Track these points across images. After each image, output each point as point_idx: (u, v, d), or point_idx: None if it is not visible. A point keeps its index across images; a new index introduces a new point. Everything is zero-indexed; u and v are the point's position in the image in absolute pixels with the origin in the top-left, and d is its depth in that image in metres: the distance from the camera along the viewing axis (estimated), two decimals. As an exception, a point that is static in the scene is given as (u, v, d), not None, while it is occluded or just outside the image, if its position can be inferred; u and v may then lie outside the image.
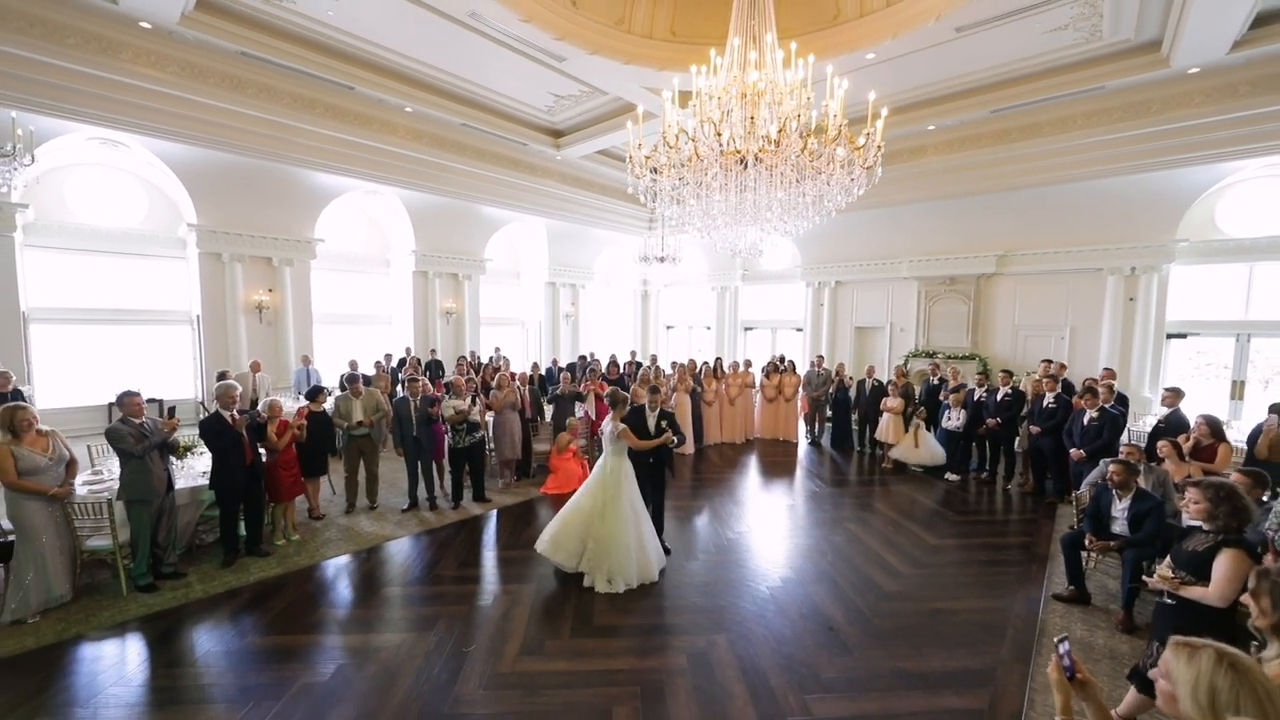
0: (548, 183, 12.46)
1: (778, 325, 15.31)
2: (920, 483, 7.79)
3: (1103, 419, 5.78)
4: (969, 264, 11.97)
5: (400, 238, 12.37)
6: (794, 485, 7.84)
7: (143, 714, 3.21)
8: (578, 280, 15.54)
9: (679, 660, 3.72)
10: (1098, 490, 4.60)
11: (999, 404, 7.48)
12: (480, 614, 4.30)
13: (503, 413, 7.20)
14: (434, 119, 10.14)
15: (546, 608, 4.40)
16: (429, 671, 3.58)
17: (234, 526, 5.03)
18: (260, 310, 10.33)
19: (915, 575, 4.98)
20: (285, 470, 5.38)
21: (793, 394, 10.29)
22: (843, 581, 4.85)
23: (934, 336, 12.57)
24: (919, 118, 10.03)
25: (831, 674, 3.59)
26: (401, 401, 6.31)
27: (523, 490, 7.27)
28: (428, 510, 6.44)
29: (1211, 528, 2.62)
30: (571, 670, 3.62)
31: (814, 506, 6.93)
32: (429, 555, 5.37)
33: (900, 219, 12.41)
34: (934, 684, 3.49)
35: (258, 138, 8.76)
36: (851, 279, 13.73)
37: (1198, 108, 8.42)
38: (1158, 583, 2.70)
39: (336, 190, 10.68)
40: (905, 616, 4.29)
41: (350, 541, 5.61)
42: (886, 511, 6.66)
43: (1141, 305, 10.44)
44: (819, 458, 9.35)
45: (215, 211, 9.58)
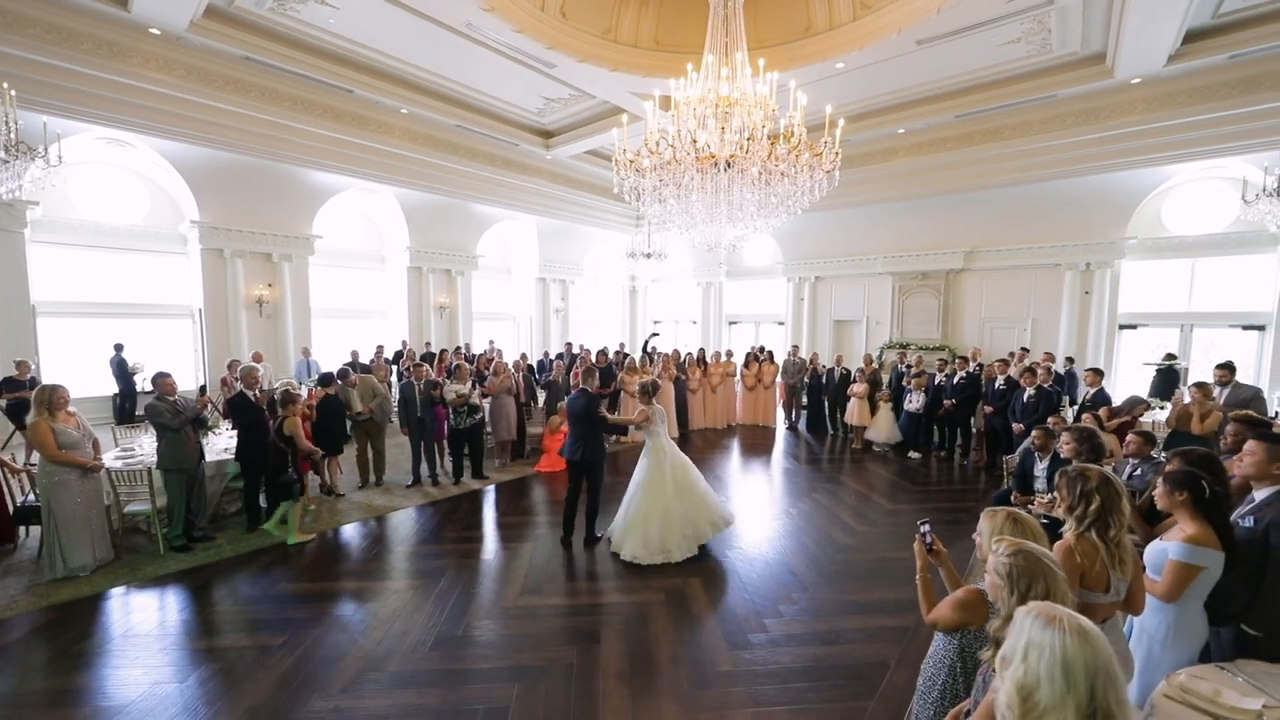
0: (538, 181, 13.05)
1: (760, 319, 16.03)
2: (886, 461, 8.53)
3: (1039, 396, 6.55)
4: (939, 260, 12.77)
5: (395, 235, 12.89)
6: (771, 464, 8.54)
7: (199, 641, 3.79)
8: (567, 276, 16.14)
9: (658, 596, 4.38)
10: (1023, 454, 5.32)
11: (955, 387, 8.24)
12: (484, 566, 4.92)
13: (499, 397, 7.80)
14: (429, 120, 10.69)
15: (545, 561, 5.03)
16: (443, 606, 4.21)
17: (257, 496, 5.59)
18: (260, 304, 10.82)
19: (869, 533, 5.69)
20: (300, 447, 5.95)
21: (771, 382, 11.01)
22: (805, 538, 5.55)
23: (907, 329, 13.36)
24: (889, 121, 10.77)
25: (787, 605, 4.27)
26: (407, 385, 6.90)
27: (518, 469, 7.90)
28: (431, 486, 7.04)
29: (1079, 462, 3.32)
30: (566, 604, 4.27)
31: (787, 481, 7.63)
32: (435, 522, 5.98)
33: (875, 217, 13.17)
34: (872, 610, 4.19)
35: (259, 138, 9.26)
36: (830, 274, 14.48)
37: (1141, 114, 9.24)
38: (1036, 508, 3.40)
39: (334, 189, 11.19)
40: (856, 564, 4.99)
41: (362, 511, 6.19)
42: (853, 484, 7.37)
43: (1096, 298, 11.29)
44: (795, 440, 10.08)
45: (217, 209, 10.06)
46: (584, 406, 5.30)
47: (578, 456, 5.32)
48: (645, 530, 5.00)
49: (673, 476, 5.20)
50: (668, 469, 5.21)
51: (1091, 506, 2.16)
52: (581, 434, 5.32)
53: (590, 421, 5.29)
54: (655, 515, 5.04)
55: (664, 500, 5.08)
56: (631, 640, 3.79)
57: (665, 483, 5.15)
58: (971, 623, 2.06)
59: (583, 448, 5.29)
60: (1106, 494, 2.14)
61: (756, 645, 3.75)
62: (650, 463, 5.25)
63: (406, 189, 11.61)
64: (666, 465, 5.21)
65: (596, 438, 5.38)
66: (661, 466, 5.20)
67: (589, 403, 5.33)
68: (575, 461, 5.36)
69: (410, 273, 12.96)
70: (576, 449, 5.33)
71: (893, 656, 3.62)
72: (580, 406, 5.32)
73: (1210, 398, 5.51)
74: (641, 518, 5.05)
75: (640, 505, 5.10)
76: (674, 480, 5.19)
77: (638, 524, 5.04)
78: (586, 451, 5.29)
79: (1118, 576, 2.13)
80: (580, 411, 5.32)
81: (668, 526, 5.00)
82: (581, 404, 5.33)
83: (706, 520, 5.21)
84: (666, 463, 5.22)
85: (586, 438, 5.30)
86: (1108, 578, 2.12)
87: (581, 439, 5.31)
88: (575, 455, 5.33)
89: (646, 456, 5.30)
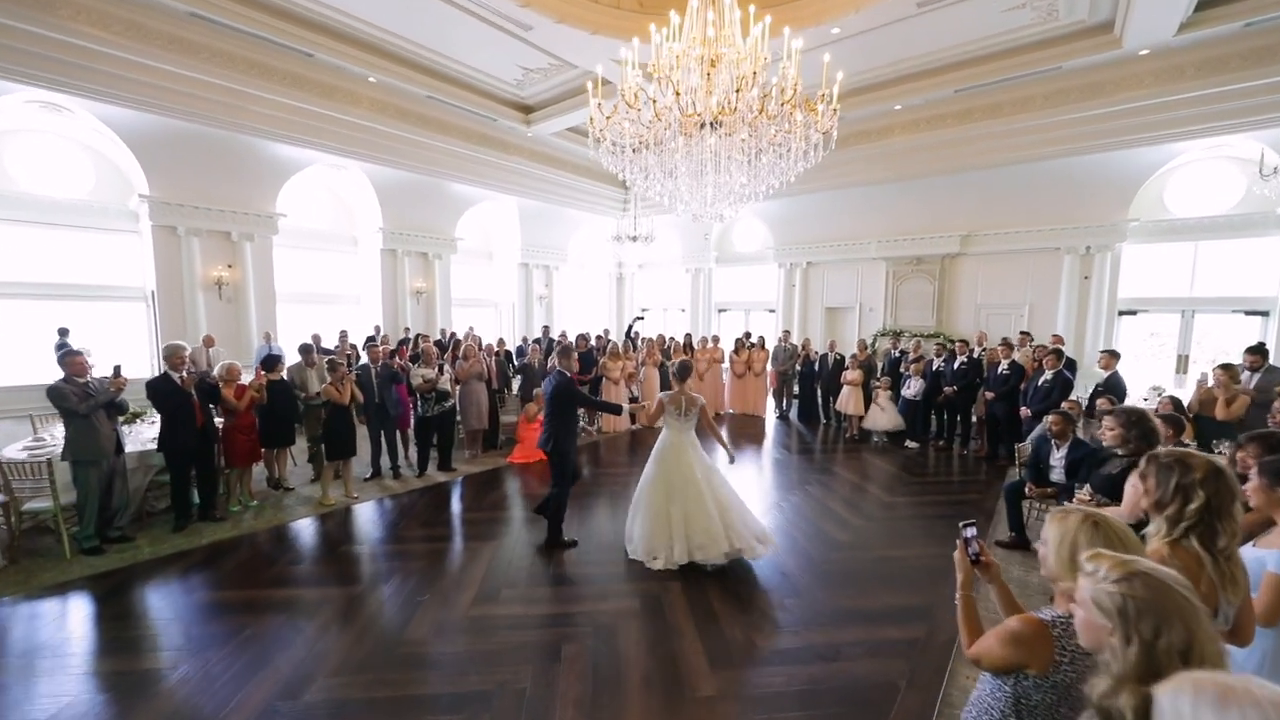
0: (518, 160, 12.35)
1: (751, 306, 15.47)
2: (882, 451, 8.01)
3: (1055, 380, 6.02)
4: (934, 244, 12.24)
5: (367, 215, 12.13)
6: (761, 454, 7.99)
7: (85, 663, 3.16)
8: (551, 262, 15.46)
9: (631, 604, 3.80)
10: (1037, 441, 4.80)
11: (955, 372, 7.72)
12: (439, 568, 4.31)
13: (469, 383, 7.17)
14: (399, 90, 9.96)
15: (507, 561, 4.43)
16: (382, 619, 3.60)
17: (186, 491, 4.95)
18: (220, 286, 10.06)
19: (866, 527, 5.15)
20: (243, 435, 5.30)
21: (761, 369, 10.45)
22: (797, 534, 4.99)
23: (901, 315, 12.84)
24: (886, 97, 10.19)
25: (780, 613, 3.71)
26: (362, 369, 6.24)
27: (490, 460, 7.28)
28: (392, 479, 6.41)
29: (1125, 451, 2.77)
30: (525, 614, 3.67)
31: (778, 472, 7.08)
32: (391, 518, 5.36)
33: (869, 200, 12.62)
34: (875, 619, 3.63)
35: (211, 105, 8.49)
36: (822, 260, 13.93)
37: (1148, 89, 8.72)
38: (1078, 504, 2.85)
39: (299, 164, 10.43)
40: (854, 562, 4.44)
41: (310, 507, 5.55)
42: (847, 475, 6.84)
43: (1096, 283, 10.82)
44: (786, 430, 9.54)
45: (169, 183, 9.27)
46: (555, 389, 4.69)
47: (549, 446, 4.71)
48: (636, 526, 4.52)
49: (677, 475, 4.54)
50: (670, 466, 4.58)
51: (1192, 505, 1.59)
52: (551, 419, 4.71)
53: (561, 406, 4.68)
54: (648, 513, 4.49)
55: (657, 499, 4.50)
56: (597, 659, 3.20)
57: (662, 480, 4.54)
58: (1030, 665, 1.49)
59: (553, 436, 4.69)
60: (1215, 490, 1.57)
61: (743, 664, 3.18)
62: (654, 456, 4.67)
63: (377, 165, 10.87)
64: (670, 463, 4.58)
65: (568, 425, 4.77)
66: (663, 461, 4.59)
67: (561, 385, 4.71)
68: (545, 451, 4.76)
69: (384, 255, 12.22)
70: (548, 438, 4.73)
71: (902, 676, 3.06)
72: (552, 389, 4.71)
73: (1236, 381, 5.01)
74: (635, 511, 4.59)
75: (638, 499, 4.60)
76: (676, 479, 4.53)
77: (635, 518, 4.58)
78: (557, 440, 4.69)
79: (1227, 599, 1.58)
80: (551, 394, 4.71)
81: (657, 530, 4.42)
82: (552, 386, 4.72)
83: (720, 535, 4.38)
84: (672, 460, 4.58)
85: (556, 424, 4.69)
86: (1216, 600, 1.56)
87: (551, 426, 4.71)
88: (546, 444, 4.73)
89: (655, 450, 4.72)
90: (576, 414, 4.85)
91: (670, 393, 4.68)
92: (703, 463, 4.62)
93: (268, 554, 4.56)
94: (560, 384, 4.68)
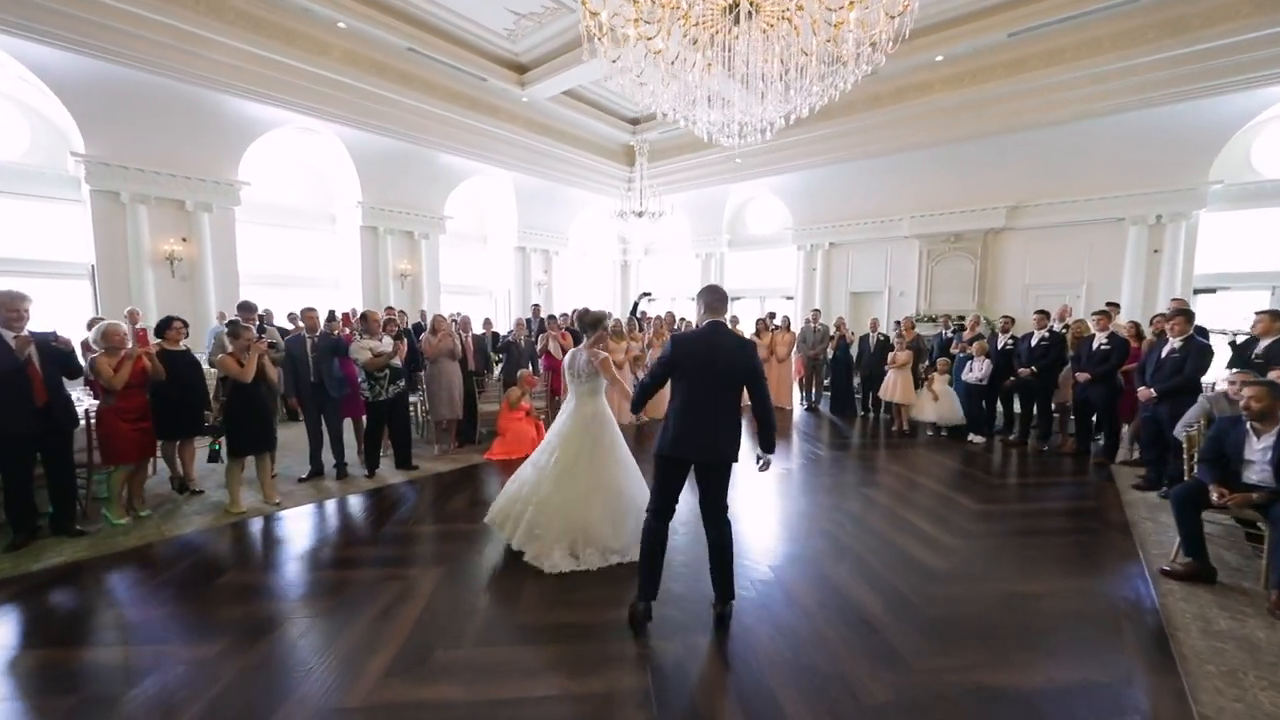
0: (513, 129, 10.97)
1: (767, 293, 13.98)
2: (939, 446, 6.48)
3: (1186, 349, 4.49)
4: (976, 218, 10.72)
5: (345, 188, 10.77)
6: (791, 450, 6.47)
7: None
8: (550, 246, 14.04)
9: (638, 680, 2.32)
10: (1219, 428, 3.28)
11: (1032, 350, 6.18)
12: (353, 611, 2.85)
13: (439, 363, 5.74)
14: (374, 41, 8.61)
15: (452, 599, 2.96)
16: (231, 705, 2.15)
17: (25, 496, 3.52)
18: (172, 262, 8.70)
19: (966, 548, 3.63)
20: (127, 422, 3.87)
21: (786, 354, 8.93)
22: (871, 557, 3.48)
23: (937, 299, 11.31)
24: (928, 45, 8.71)
25: (881, 694, 2.22)
26: (295, 340, 4.81)
27: (464, 456, 5.81)
28: (334, 479, 4.96)
29: None
30: (462, 702, 2.20)
31: (818, 472, 5.57)
32: (312, 533, 3.91)
33: (900, 171, 11.12)
34: (1044, 710, 2.14)
35: (151, 46, 7.14)
36: (846, 240, 12.43)
37: (1245, 20, 7.19)
38: None
39: (264, 124, 9.06)
40: (968, 603, 2.94)
41: (212, 515, 4.12)
42: (911, 477, 5.31)
43: (1168, 257, 9.25)
44: (817, 423, 8.00)
45: (108, 140, 7.91)
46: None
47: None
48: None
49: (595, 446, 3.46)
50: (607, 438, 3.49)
51: None
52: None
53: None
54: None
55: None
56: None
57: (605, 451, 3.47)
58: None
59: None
60: None
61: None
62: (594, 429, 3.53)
63: (351, 128, 9.49)
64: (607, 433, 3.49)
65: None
66: (602, 434, 3.48)
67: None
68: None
69: (364, 233, 10.84)
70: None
71: None
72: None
73: None
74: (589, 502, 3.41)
75: (599, 485, 3.43)
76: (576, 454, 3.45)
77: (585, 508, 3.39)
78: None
79: None
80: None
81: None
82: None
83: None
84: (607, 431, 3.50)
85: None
86: None
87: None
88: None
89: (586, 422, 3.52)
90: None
91: (603, 354, 3.52)
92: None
93: (107, 591, 3.11)
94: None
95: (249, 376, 3.95)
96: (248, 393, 4.01)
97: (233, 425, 4.01)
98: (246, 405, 4.01)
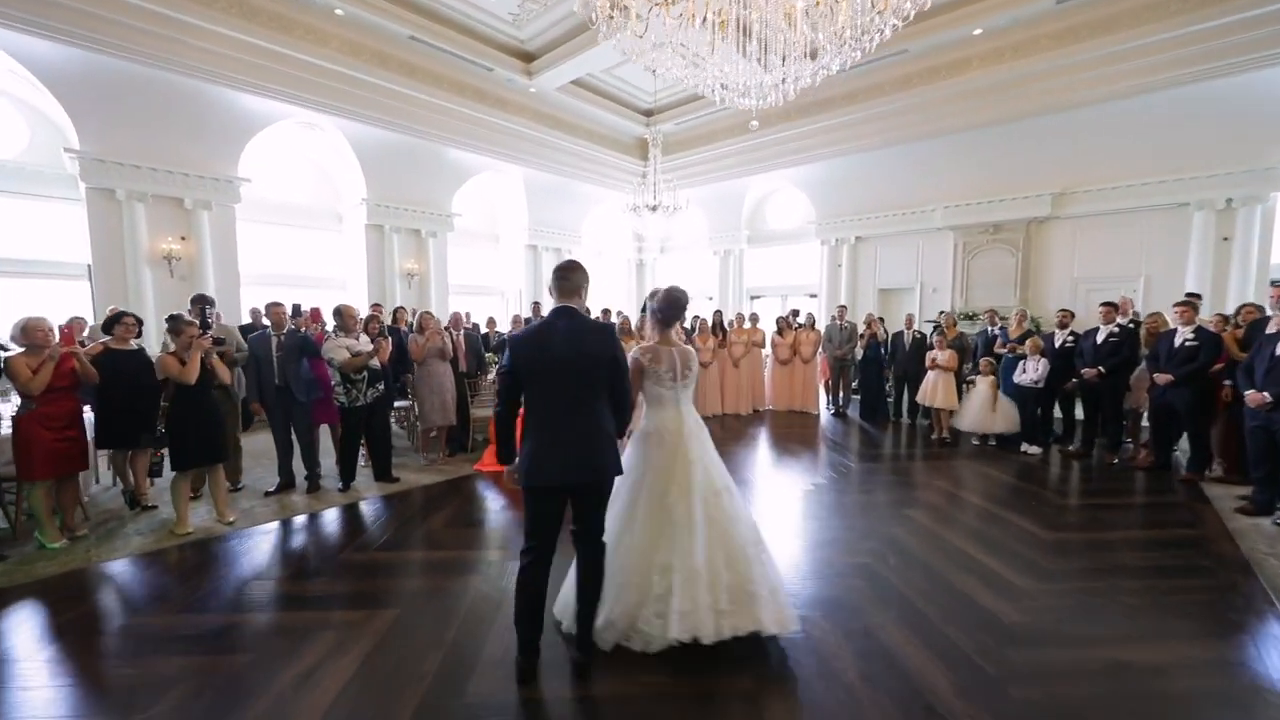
0: (521, 121, 10.43)
1: (789, 291, 13.17)
2: (988, 457, 5.64)
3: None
4: (1017, 207, 9.77)
5: (350, 186, 10.36)
6: (816, 461, 5.72)
7: None
8: (563, 244, 13.47)
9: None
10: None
11: (1098, 348, 5.31)
12: (263, 673, 2.22)
13: (428, 364, 5.16)
14: (374, 28, 8.15)
15: (394, 660, 2.32)
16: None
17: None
18: (170, 262, 8.34)
19: (1044, 592, 2.86)
20: (49, 430, 3.35)
21: (811, 355, 8.14)
22: (924, 603, 2.74)
23: (973, 295, 10.36)
24: (966, 18, 7.88)
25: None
26: (259, 338, 4.27)
27: (452, 467, 5.21)
28: (306, 493, 4.41)
29: None
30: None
31: (848, 488, 4.80)
32: (256, 561, 3.32)
33: (934, 157, 10.24)
34: None
35: (145, 37, 6.78)
36: (874, 233, 11.56)
37: (1338, -30, 6.22)
38: None
39: (262, 119, 8.68)
40: (1066, 679, 2.18)
41: (155, 536, 3.57)
42: (956, 493, 4.53)
43: (1240, 246, 8.19)
44: (846, 430, 7.20)
45: (103, 136, 7.58)
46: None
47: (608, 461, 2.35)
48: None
49: (671, 484, 2.42)
50: (663, 469, 2.45)
51: None
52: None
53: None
54: (625, 554, 2.38)
55: (643, 530, 2.39)
56: None
57: (653, 493, 2.42)
58: None
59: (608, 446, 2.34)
60: None
61: None
62: (636, 454, 2.53)
63: (354, 122, 9.06)
64: (663, 464, 2.45)
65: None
66: (650, 462, 2.46)
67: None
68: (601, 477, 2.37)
69: (369, 231, 10.41)
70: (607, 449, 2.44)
71: None
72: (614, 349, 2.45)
73: None
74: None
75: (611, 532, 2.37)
76: (670, 490, 2.41)
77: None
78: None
79: None
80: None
81: (635, 581, 2.35)
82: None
83: (719, 595, 2.31)
84: (664, 460, 2.46)
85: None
86: None
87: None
88: (599, 461, 2.33)
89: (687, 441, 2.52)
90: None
91: (648, 345, 2.55)
92: (709, 465, 2.51)
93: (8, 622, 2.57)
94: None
95: (192, 377, 3.40)
96: (193, 396, 3.47)
97: (176, 434, 3.46)
98: (192, 411, 3.47)
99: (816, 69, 3.80)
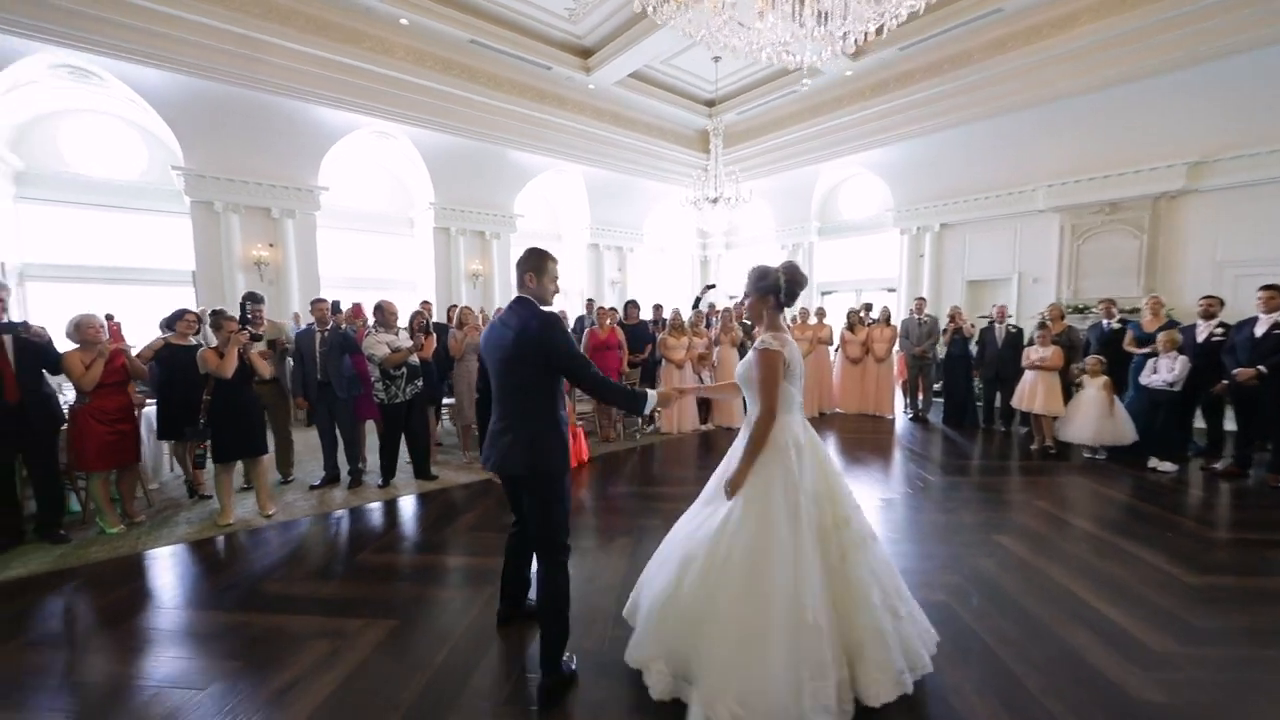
0: (580, 119, 10.33)
1: (863, 285, 12.14)
2: (1104, 474, 4.69)
3: None
4: (1141, 181, 8.30)
5: (420, 191, 10.72)
6: (890, 472, 5.01)
7: None
8: (624, 243, 13.27)
9: None
10: None
11: (1258, 343, 4.23)
12: (252, 684, 2.07)
13: (466, 361, 5.05)
14: (436, 35, 8.32)
15: (378, 677, 2.09)
16: None
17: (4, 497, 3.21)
18: (260, 267, 8.97)
19: (1191, 660, 2.15)
20: (102, 423, 3.48)
21: (886, 353, 7.30)
22: (1021, 666, 2.12)
23: (1084, 286, 8.94)
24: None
25: None
26: (303, 334, 4.32)
27: (494, 467, 5.06)
28: (349, 488, 4.40)
29: None
30: None
31: (927, 506, 4.11)
32: (279, 556, 3.26)
33: (1034, 130, 8.96)
34: None
35: (224, 56, 7.28)
36: (961, 219, 10.34)
37: None
38: None
39: (338, 129, 9.13)
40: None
41: (200, 526, 3.65)
42: (1063, 517, 3.73)
43: None
44: (926, 437, 6.35)
45: (202, 154, 8.27)
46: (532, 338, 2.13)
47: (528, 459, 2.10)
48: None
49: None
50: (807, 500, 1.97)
51: None
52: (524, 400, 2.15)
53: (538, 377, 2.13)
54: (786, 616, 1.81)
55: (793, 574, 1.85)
56: None
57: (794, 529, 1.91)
58: None
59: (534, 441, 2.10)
60: None
61: None
62: (767, 480, 1.99)
63: (420, 128, 9.31)
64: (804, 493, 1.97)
65: (553, 417, 2.16)
66: (790, 493, 1.95)
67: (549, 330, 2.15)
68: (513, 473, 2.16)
69: (437, 234, 10.71)
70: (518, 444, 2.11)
71: None
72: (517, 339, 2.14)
73: None
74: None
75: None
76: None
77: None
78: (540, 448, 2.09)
79: None
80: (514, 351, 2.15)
81: (805, 644, 1.78)
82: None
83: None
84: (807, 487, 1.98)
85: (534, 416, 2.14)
86: None
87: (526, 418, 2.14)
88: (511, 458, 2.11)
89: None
90: (561, 397, 2.20)
91: (773, 335, 2.05)
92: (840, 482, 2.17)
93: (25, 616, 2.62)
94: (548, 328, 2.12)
95: (229, 371, 3.42)
96: (231, 390, 3.49)
97: (216, 427, 3.50)
98: (230, 404, 3.50)
99: (885, 11, 3.22)
